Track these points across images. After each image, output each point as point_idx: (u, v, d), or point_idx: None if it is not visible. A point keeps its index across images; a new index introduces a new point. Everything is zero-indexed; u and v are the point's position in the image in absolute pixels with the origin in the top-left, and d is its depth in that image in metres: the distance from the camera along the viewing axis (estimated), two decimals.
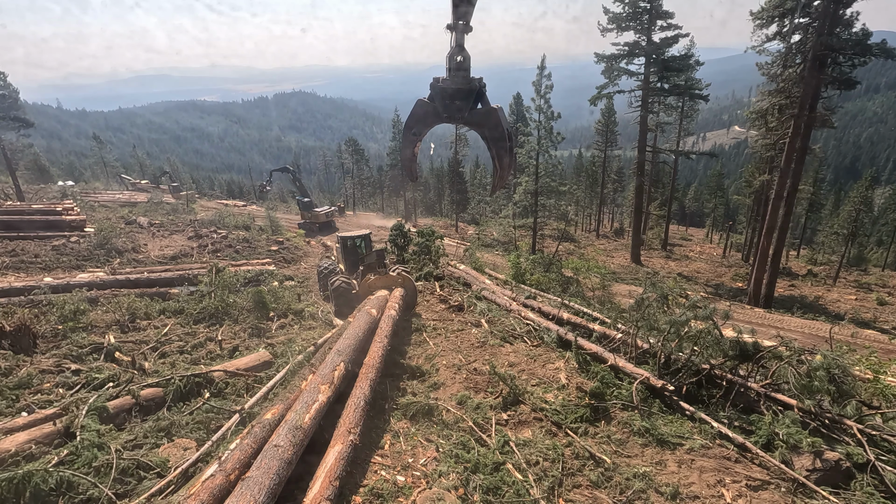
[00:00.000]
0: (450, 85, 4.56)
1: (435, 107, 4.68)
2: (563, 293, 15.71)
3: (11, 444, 5.05)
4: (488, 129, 4.78)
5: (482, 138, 4.91)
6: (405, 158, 4.99)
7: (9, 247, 17.96)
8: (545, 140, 27.92)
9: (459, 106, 4.67)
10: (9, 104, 38.83)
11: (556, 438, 7.13)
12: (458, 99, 4.64)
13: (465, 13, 4.17)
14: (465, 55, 4.45)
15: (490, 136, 4.80)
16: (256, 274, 14.70)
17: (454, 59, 4.46)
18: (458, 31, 4.27)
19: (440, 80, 4.62)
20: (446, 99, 4.63)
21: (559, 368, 9.35)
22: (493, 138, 4.80)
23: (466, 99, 4.65)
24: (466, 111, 4.71)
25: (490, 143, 4.86)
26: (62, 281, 11.77)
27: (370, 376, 7.43)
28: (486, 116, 4.75)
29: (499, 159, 4.89)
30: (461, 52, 4.41)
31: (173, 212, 34.37)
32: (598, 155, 52.57)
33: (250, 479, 4.42)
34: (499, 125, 4.75)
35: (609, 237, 49.75)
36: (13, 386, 6.93)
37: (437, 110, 4.70)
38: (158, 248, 21.72)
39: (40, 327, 9.05)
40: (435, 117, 4.76)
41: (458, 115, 4.73)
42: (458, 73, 4.52)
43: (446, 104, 4.65)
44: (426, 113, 4.74)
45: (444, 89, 4.60)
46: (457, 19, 4.19)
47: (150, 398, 6.61)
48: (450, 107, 4.67)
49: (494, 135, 4.78)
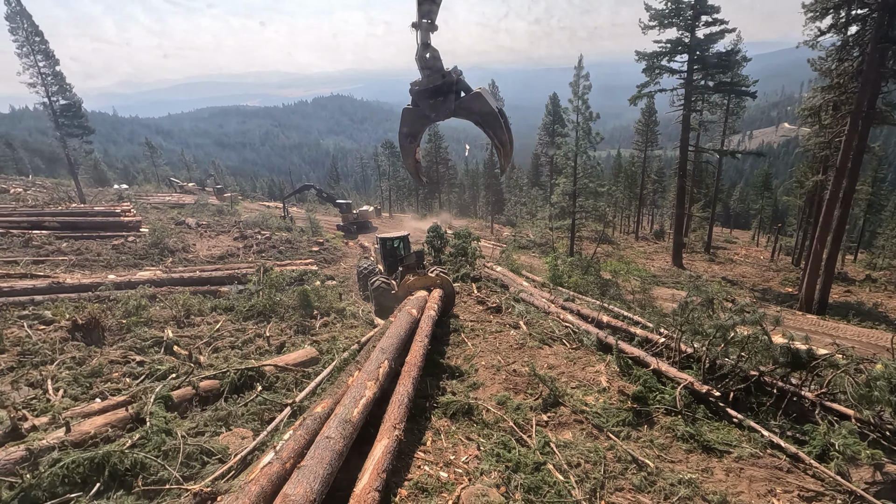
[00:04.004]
0: (426, 85, 4.59)
1: (421, 110, 4.74)
2: (603, 296, 15.51)
3: (91, 427, 5.52)
4: (477, 112, 4.77)
5: (476, 124, 4.88)
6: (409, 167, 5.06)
7: (74, 245, 19.25)
8: (583, 141, 27.55)
9: (442, 101, 4.69)
10: (73, 112, 41.58)
11: (597, 441, 7.11)
12: (439, 96, 4.67)
13: (428, 11, 4.21)
14: (432, 52, 4.47)
15: (481, 120, 4.79)
16: (300, 274, 15.24)
17: (423, 59, 4.49)
18: (422, 30, 4.29)
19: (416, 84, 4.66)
20: (428, 99, 4.66)
21: (600, 371, 9.28)
22: (484, 121, 4.79)
23: (447, 93, 4.67)
24: (452, 104, 4.72)
25: (483, 126, 4.85)
26: (124, 278, 12.60)
27: (412, 374, 7.61)
28: (472, 102, 4.74)
29: (497, 137, 4.87)
30: (427, 49, 4.43)
31: (218, 213, 35.88)
32: (637, 155, 51.36)
33: (305, 468, 4.66)
34: (486, 106, 4.72)
35: (648, 239, 48.48)
36: (87, 374, 7.52)
37: (423, 113, 4.75)
38: (206, 248, 22.76)
39: (107, 321, 9.74)
40: (424, 120, 4.83)
41: (444, 110, 4.74)
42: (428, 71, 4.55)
43: (430, 104, 4.69)
44: (415, 118, 4.82)
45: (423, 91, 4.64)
46: (421, 17, 4.22)
47: (208, 390, 7.03)
48: (434, 105, 4.70)
49: (485, 118, 4.76)
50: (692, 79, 30.78)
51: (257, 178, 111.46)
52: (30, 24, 37.00)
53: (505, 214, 58.93)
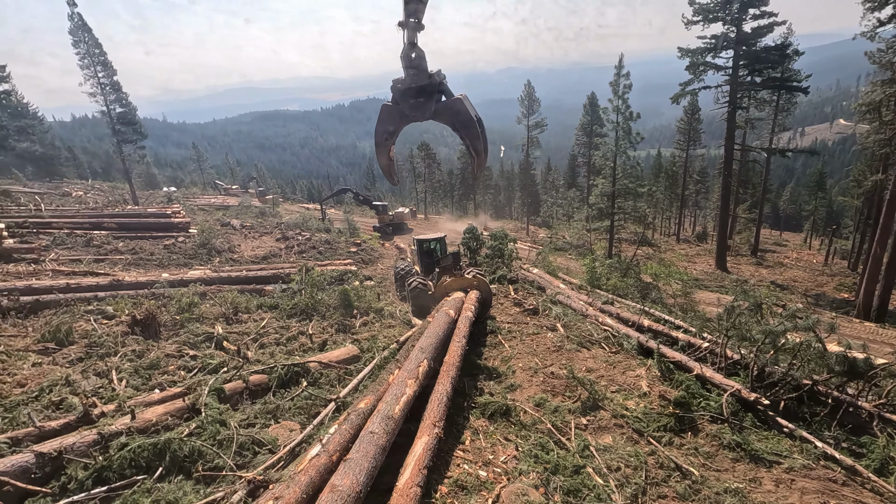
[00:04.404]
0: (409, 84, 4.58)
1: (401, 109, 4.73)
2: (643, 299, 15.17)
3: (152, 415, 5.91)
4: (455, 118, 4.78)
5: (453, 129, 4.89)
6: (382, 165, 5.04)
7: (130, 245, 20.40)
8: (623, 141, 26.97)
9: (423, 102, 4.68)
10: (128, 120, 44.07)
11: (637, 446, 7.01)
12: (420, 96, 4.65)
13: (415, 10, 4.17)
14: (418, 52, 4.44)
15: (459, 124, 4.80)
16: (340, 274, 15.63)
17: (408, 57, 4.45)
18: (409, 29, 4.27)
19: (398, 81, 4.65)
20: (409, 98, 4.65)
21: (640, 376, 9.12)
22: (462, 126, 4.80)
23: (429, 95, 4.66)
24: (432, 106, 4.71)
25: (460, 132, 4.85)
26: (177, 277, 13.29)
27: (451, 374, 7.72)
28: (453, 107, 4.74)
29: (472, 145, 4.89)
30: (414, 49, 4.40)
31: (261, 214, 37.14)
32: (678, 154, 49.78)
33: (351, 461, 4.83)
34: (466, 112, 4.74)
35: (690, 241, 46.90)
36: (146, 366, 8.03)
37: (402, 112, 4.74)
38: (251, 248, 23.62)
39: (163, 317, 10.33)
40: (402, 119, 4.80)
41: (423, 111, 4.74)
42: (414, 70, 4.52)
43: (411, 103, 4.68)
44: (393, 116, 4.80)
45: (405, 89, 4.62)
46: (408, 16, 4.19)
47: (257, 384, 7.37)
48: (414, 105, 4.69)
49: (463, 122, 4.77)
50: (738, 75, 29.60)
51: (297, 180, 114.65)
52: (90, 38, 39.44)
53: (541, 216, 58.35)
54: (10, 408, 6.35)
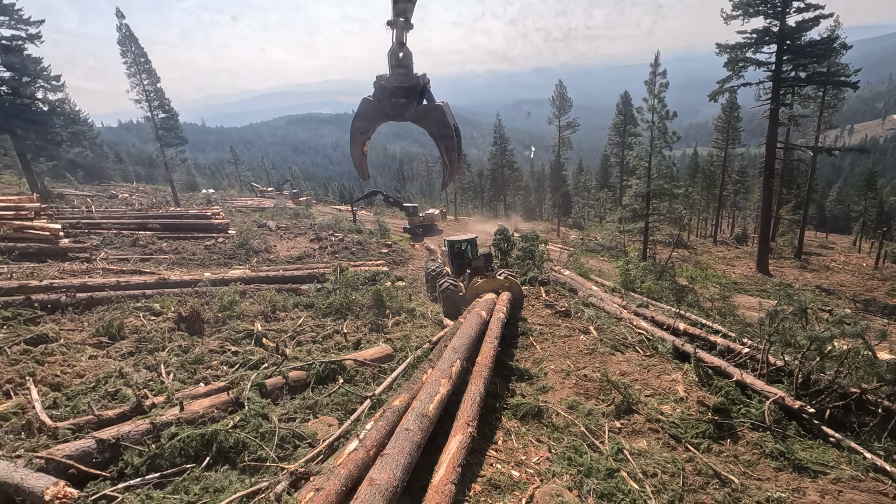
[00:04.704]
0: (392, 82, 4.54)
1: (381, 105, 4.67)
2: (678, 303, 14.83)
3: (199, 407, 6.21)
4: (434, 125, 4.75)
5: (429, 135, 4.86)
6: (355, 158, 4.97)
7: (173, 245, 21.31)
8: (659, 141, 26.35)
9: (404, 103, 4.64)
10: (171, 125, 46.04)
11: (674, 452, 6.89)
12: (402, 96, 4.61)
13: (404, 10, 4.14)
14: (406, 52, 4.40)
15: (437, 132, 4.77)
16: (373, 274, 15.90)
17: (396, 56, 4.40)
18: (398, 28, 4.23)
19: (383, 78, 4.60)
20: (392, 97, 4.61)
21: (676, 380, 8.95)
22: (439, 135, 4.77)
23: (410, 96, 4.61)
24: (412, 108, 4.68)
25: (437, 139, 4.82)
26: (218, 276, 13.83)
27: (483, 374, 7.77)
28: (432, 113, 4.71)
29: (447, 154, 4.87)
30: (402, 48, 4.36)
31: (295, 216, 38.05)
32: (716, 154, 48.25)
33: (388, 456, 4.96)
34: (444, 121, 4.71)
35: (729, 244, 45.37)
36: (191, 361, 8.42)
37: (382, 108, 4.68)
38: (286, 248, 24.27)
39: (206, 314, 10.78)
40: (381, 115, 4.75)
41: (403, 112, 4.69)
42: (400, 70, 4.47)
43: (391, 102, 4.64)
44: (372, 111, 4.74)
45: (388, 87, 4.58)
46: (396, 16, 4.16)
47: (296, 380, 7.62)
48: (395, 104, 4.65)
49: (441, 131, 4.75)
50: (781, 70, 28.47)
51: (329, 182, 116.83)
52: (136, 47, 41.42)
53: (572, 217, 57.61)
54: (71, 397, 6.79)
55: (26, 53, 30.59)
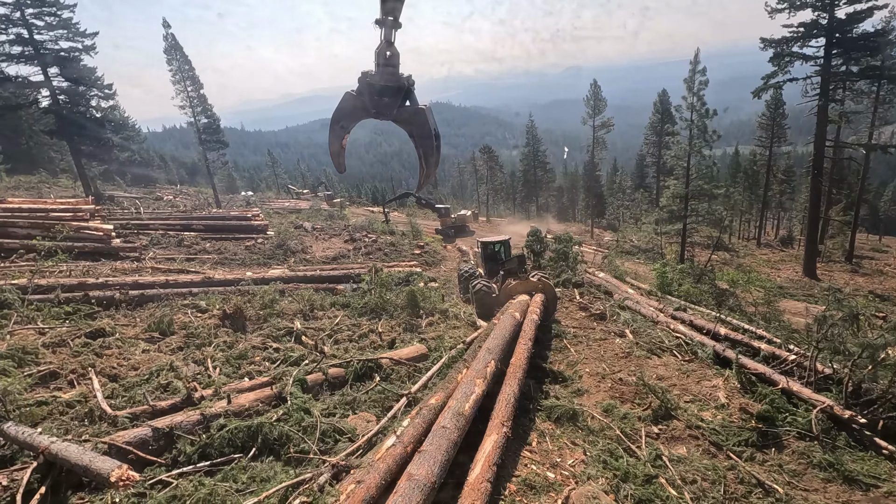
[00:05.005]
0: (378, 81, 4.52)
1: (363, 101, 4.66)
2: (718, 307, 14.39)
3: (245, 401, 6.51)
4: (416, 127, 4.76)
5: (409, 136, 4.86)
6: (333, 152, 4.89)
7: (216, 245, 22.18)
8: (698, 140, 25.56)
9: (388, 103, 4.64)
10: (213, 129, 47.91)
11: (715, 459, 6.74)
12: (386, 96, 4.60)
13: (392, 9, 4.16)
14: (393, 51, 4.40)
15: (417, 134, 4.78)
16: (406, 275, 16.11)
17: (383, 55, 4.40)
18: (386, 27, 4.24)
19: (368, 76, 4.59)
20: (374, 95, 4.60)
21: (717, 386, 8.72)
22: (420, 137, 4.79)
23: (395, 96, 4.61)
24: (395, 108, 4.68)
25: (417, 141, 4.83)
26: (259, 275, 14.37)
27: (517, 376, 7.79)
28: (415, 115, 4.72)
29: (425, 158, 4.89)
30: (389, 48, 4.36)
31: (329, 217, 38.85)
32: (760, 152, 46.37)
33: (426, 453, 5.08)
34: (426, 124, 4.72)
35: (773, 246, 43.52)
36: (236, 357, 8.80)
37: (365, 105, 4.67)
38: (321, 249, 24.85)
39: (248, 312, 11.21)
40: (363, 112, 4.74)
41: (386, 111, 4.70)
42: (386, 69, 4.47)
43: (374, 100, 4.63)
44: (354, 107, 4.73)
45: (373, 85, 4.56)
46: (385, 14, 4.17)
47: (335, 376, 7.86)
48: (378, 103, 4.64)
49: (422, 133, 4.76)
50: (831, 65, 27.12)
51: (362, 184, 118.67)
52: (181, 55, 43.34)
53: (606, 218, 56.49)
54: (127, 387, 7.23)
55: (82, 64, 32.48)
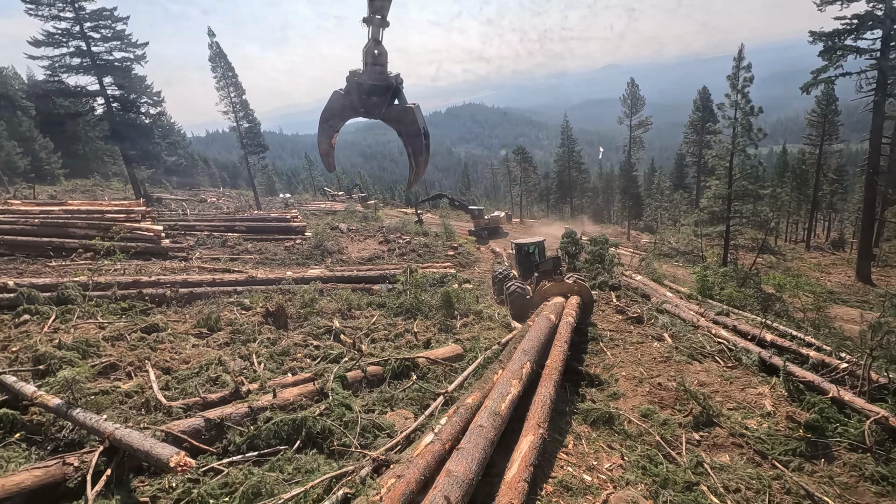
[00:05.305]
0: (366, 80, 4.52)
1: (351, 100, 4.66)
2: (764, 312, 13.87)
3: (290, 395, 6.79)
4: (404, 126, 4.74)
5: (398, 135, 4.84)
6: (322, 151, 4.91)
7: (256, 246, 22.98)
8: (742, 138, 24.61)
9: (376, 102, 4.64)
10: (254, 133, 49.67)
11: (760, 468, 6.55)
12: (374, 94, 4.60)
13: (380, 7, 4.15)
14: (381, 50, 4.39)
15: (406, 133, 4.76)
16: (441, 276, 16.27)
17: (371, 54, 4.39)
18: (374, 26, 4.23)
19: (357, 75, 4.58)
20: (362, 94, 4.60)
21: (762, 394, 8.44)
22: (409, 135, 4.76)
23: (383, 95, 4.61)
24: (383, 107, 4.67)
25: (406, 140, 4.80)
26: (299, 275, 14.83)
27: (553, 378, 7.78)
28: (403, 114, 4.70)
29: (414, 157, 4.87)
30: (377, 46, 4.35)
31: (364, 219, 39.53)
32: (809, 151, 44.21)
33: (463, 450, 5.17)
34: (414, 123, 4.69)
35: (823, 249, 41.39)
36: (279, 353, 9.15)
37: (353, 104, 4.68)
38: (357, 250, 25.34)
39: (290, 310, 11.62)
40: (351, 111, 4.74)
41: (374, 110, 4.69)
42: (374, 68, 4.46)
43: (363, 99, 4.63)
44: (342, 106, 4.73)
45: (361, 84, 4.55)
46: (373, 13, 4.16)
47: (373, 374, 8.08)
48: (366, 102, 4.64)
49: (410, 132, 4.74)
50: (888, 58, 25.63)
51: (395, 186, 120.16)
52: (225, 63, 45.13)
53: (643, 220, 55.11)
54: (180, 380, 7.64)
55: (133, 73, 34.32)
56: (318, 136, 4.87)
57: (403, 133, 4.80)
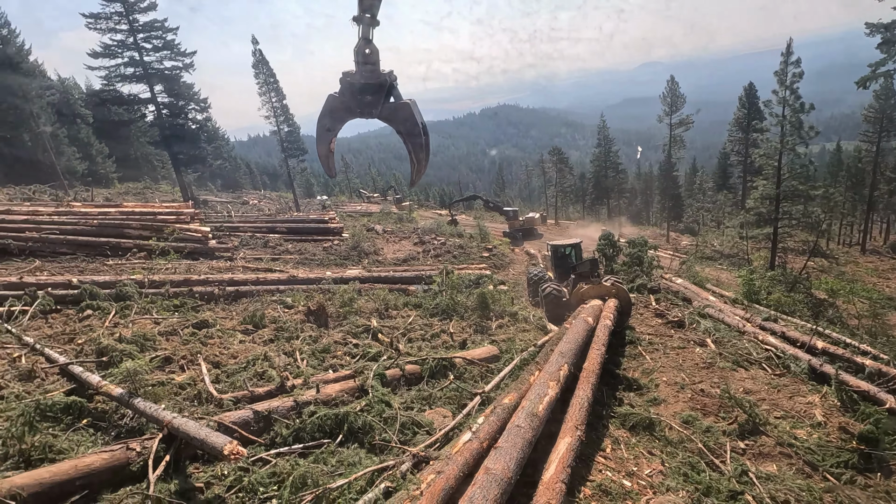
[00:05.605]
0: (358, 80, 4.46)
1: (346, 102, 4.61)
2: (815, 318, 13.26)
3: (332, 391, 7.05)
4: (401, 123, 4.65)
5: (398, 133, 4.75)
6: (321, 155, 4.89)
7: (296, 247, 23.69)
8: (791, 136, 23.53)
9: (370, 101, 4.56)
10: (293, 137, 51.25)
11: (810, 480, 6.31)
12: (367, 94, 4.53)
13: (370, 5, 4.09)
14: (372, 48, 4.32)
15: (404, 130, 4.67)
16: (477, 277, 16.35)
17: (362, 53, 4.33)
18: (363, 24, 4.18)
19: (349, 75, 4.53)
20: (356, 94, 4.54)
21: (813, 403, 8.12)
22: (406, 133, 4.68)
23: (376, 93, 4.53)
24: (378, 106, 4.59)
25: (404, 137, 4.72)
26: (338, 274, 15.25)
27: (591, 380, 7.73)
28: (398, 111, 4.61)
29: (415, 153, 4.77)
30: (368, 45, 4.29)
31: (399, 220, 40.03)
32: (866, 148, 41.81)
33: (501, 449, 5.24)
34: (411, 119, 4.60)
35: (881, 253, 39.04)
36: (320, 350, 9.46)
37: (348, 105, 4.63)
38: (392, 251, 25.73)
39: (330, 309, 11.97)
40: (346, 112, 4.68)
41: (370, 110, 4.62)
42: (365, 67, 4.40)
43: (357, 99, 4.57)
44: (338, 108, 4.67)
45: (353, 84, 4.50)
46: (362, 11, 4.11)
47: (411, 373, 8.26)
48: (361, 101, 4.58)
49: (408, 129, 4.65)
50: None
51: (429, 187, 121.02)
52: (267, 69, 46.76)
53: (683, 221, 53.38)
54: (229, 374, 8.04)
55: (182, 80, 36.08)
56: (316, 142, 4.91)
57: (402, 131, 4.80)
